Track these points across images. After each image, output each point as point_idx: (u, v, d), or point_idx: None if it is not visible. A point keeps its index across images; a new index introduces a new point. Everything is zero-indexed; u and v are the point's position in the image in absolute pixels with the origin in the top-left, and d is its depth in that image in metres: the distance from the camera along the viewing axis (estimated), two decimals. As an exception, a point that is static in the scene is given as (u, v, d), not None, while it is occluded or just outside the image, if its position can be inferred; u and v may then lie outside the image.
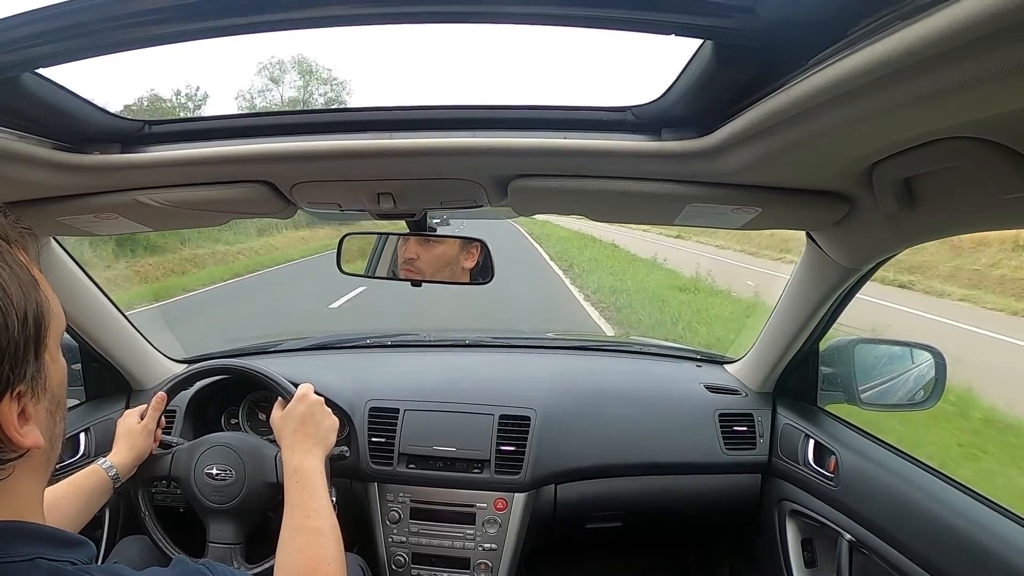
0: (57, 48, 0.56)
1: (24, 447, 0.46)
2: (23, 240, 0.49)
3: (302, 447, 0.95)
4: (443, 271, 1.15)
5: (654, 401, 1.49)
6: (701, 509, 1.47)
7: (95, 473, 1.00)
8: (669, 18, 0.52)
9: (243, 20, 0.53)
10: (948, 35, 0.39)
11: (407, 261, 1.15)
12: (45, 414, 0.50)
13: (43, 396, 0.49)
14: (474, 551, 1.33)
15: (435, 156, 0.77)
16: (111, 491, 1.02)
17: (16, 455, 0.47)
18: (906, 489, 1.04)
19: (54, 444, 0.52)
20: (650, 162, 0.75)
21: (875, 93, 0.48)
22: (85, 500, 0.97)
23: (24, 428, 0.46)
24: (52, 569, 0.46)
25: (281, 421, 1.00)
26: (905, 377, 1.32)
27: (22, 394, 0.47)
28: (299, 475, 0.91)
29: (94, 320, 1.31)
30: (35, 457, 0.49)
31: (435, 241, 1.13)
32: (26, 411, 0.47)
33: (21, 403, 0.47)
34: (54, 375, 0.51)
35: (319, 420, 1.00)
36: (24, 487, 0.49)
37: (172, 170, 0.82)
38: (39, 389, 0.48)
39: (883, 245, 0.95)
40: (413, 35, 56.75)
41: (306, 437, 0.97)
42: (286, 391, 1.11)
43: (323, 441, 0.99)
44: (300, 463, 0.93)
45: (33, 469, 0.50)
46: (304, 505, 0.86)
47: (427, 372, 1.60)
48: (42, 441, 0.48)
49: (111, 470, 1.02)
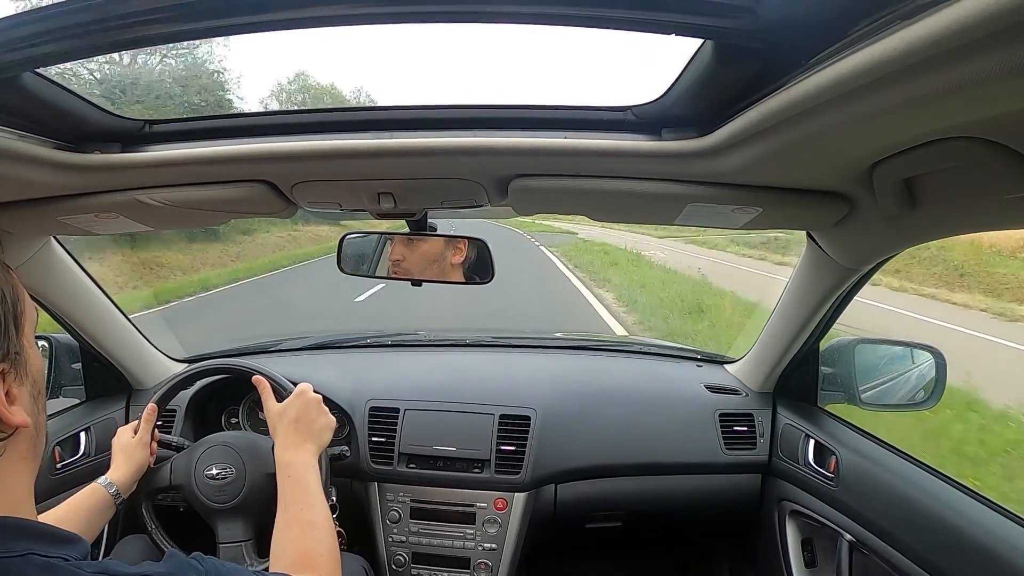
0: (57, 48, 0.55)
1: (13, 424, 0.48)
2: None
3: (294, 442, 0.95)
4: (431, 269, 1.14)
5: (654, 401, 1.49)
6: (701, 509, 1.47)
7: (95, 491, 1.00)
8: (669, 18, 0.52)
9: (243, 20, 0.53)
10: (948, 35, 0.39)
11: (394, 263, 1.15)
12: (28, 398, 0.51)
13: (25, 379, 0.51)
14: (474, 551, 1.33)
15: (435, 156, 0.77)
16: (113, 508, 1.02)
17: (4, 435, 0.48)
18: (906, 489, 1.04)
19: (39, 431, 0.53)
20: (650, 162, 0.75)
21: (875, 93, 0.48)
22: (87, 519, 0.97)
23: (12, 408, 0.48)
24: (45, 565, 0.46)
25: (276, 417, 1.00)
26: (905, 377, 1.32)
27: (6, 373, 0.48)
28: (291, 469, 0.91)
29: (94, 320, 1.31)
30: (22, 442, 0.50)
31: (419, 240, 1.12)
32: (11, 392, 0.49)
33: (6, 383, 0.48)
34: (33, 360, 0.53)
35: (314, 417, 1.00)
36: (13, 475, 0.50)
37: (172, 170, 0.82)
38: (21, 371, 0.50)
39: (883, 245, 0.95)
40: (413, 35, 56.75)
41: (298, 433, 0.97)
42: (283, 388, 1.11)
43: (317, 438, 0.99)
44: (292, 458, 0.93)
45: (21, 456, 0.51)
46: (296, 499, 0.87)
47: (427, 372, 1.60)
48: (29, 421, 0.49)
49: (111, 487, 1.01)
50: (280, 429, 0.98)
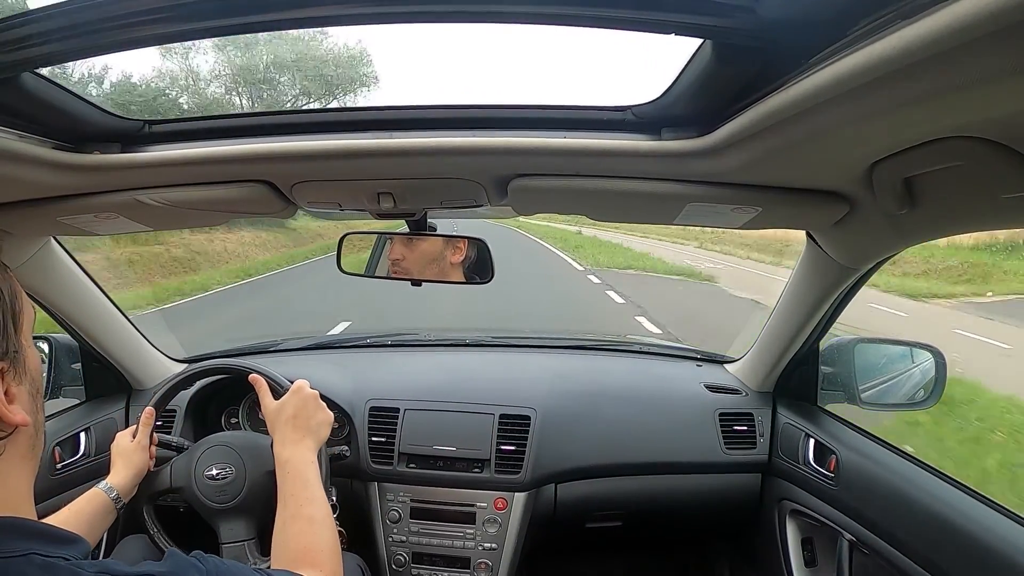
0: (57, 48, 0.56)
1: (13, 423, 0.48)
2: None
3: (292, 438, 0.95)
4: (430, 268, 1.14)
5: (654, 400, 1.49)
6: (701, 509, 1.47)
7: (96, 496, 1.00)
8: (669, 17, 0.52)
9: (242, 20, 0.53)
10: (948, 35, 0.39)
11: (394, 263, 1.15)
12: (27, 396, 0.51)
13: (24, 378, 0.51)
14: (474, 550, 1.33)
15: (435, 156, 0.77)
16: (114, 512, 1.01)
17: (4, 434, 0.48)
18: (906, 488, 1.04)
19: (38, 430, 0.53)
20: (650, 162, 0.75)
21: (875, 93, 0.48)
22: (88, 524, 0.97)
23: (11, 406, 0.48)
24: (45, 565, 0.46)
25: (274, 414, 1.00)
26: (905, 377, 1.32)
27: (4, 371, 0.48)
28: (290, 465, 0.91)
29: (94, 320, 1.31)
30: (22, 441, 0.50)
31: (419, 240, 1.12)
32: (10, 391, 0.49)
33: (5, 382, 0.48)
34: (31, 360, 0.53)
35: (312, 413, 1.00)
36: (13, 474, 0.50)
37: (172, 170, 0.82)
38: (20, 370, 0.50)
39: (883, 245, 0.95)
40: (414, 34, 56.60)
41: (296, 429, 0.97)
42: (280, 385, 1.11)
43: (315, 433, 0.99)
44: (291, 454, 0.93)
45: (21, 455, 0.51)
46: (296, 495, 0.87)
47: (427, 371, 1.60)
48: (28, 419, 0.49)
49: (111, 491, 1.01)
50: (278, 426, 0.98)
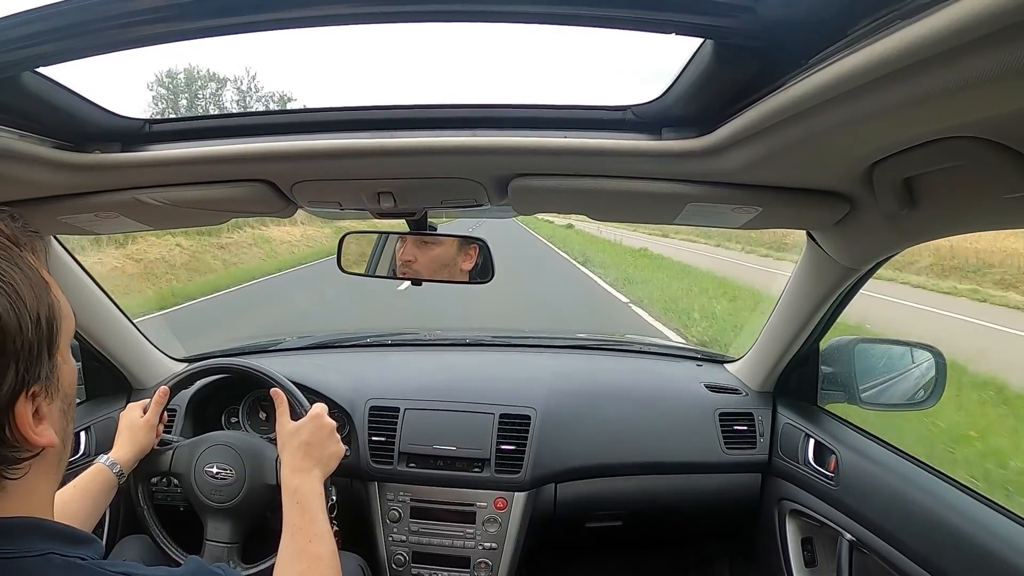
0: (57, 47, 0.56)
1: (39, 446, 0.47)
2: (32, 243, 0.50)
3: (302, 466, 0.95)
4: (441, 272, 1.14)
5: (654, 400, 1.49)
6: (701, 508, 1.47)
7: (100, 472, 1.00)
8: (669, 17, 0.52)
9: (242, 19, 0.53)
10: (948, 35, 0.39)
11: (404, 263, 1.15)
12: (58, 413, 0.50)
13: (56, 396, 0.50)
14: (474, 550, 1.33)
15: (435, 155, 0.77)
16: (116, 487, 1.02)
17: (31, 454, 0.47)
18: (906, 489, 1.04)
19: (66, 443, 0.53)
20: (650, 161, 0.75)
21: (875, 93, 0.48)
22: (92, 500, 0.97)
23: (39, 427, 0.47)
24: (65, 564, 0.47)
25: (288, 435, 0.99)
26: (905, 376, 1.32)
27: (36, 394, 0.47)
28: (299, 495, 0.90)
29: (94, 319, 1.31)
30: (49, 456, 0.50)
31: (432, 243, 1.12)
32: (40, 411, 0.48)
33: (36, 403, 0.47)
34: (66, 375, 0.52)
35: (325, 443, 0.99)
36: (38, 487, 0.50)
37: (172, 169, 0.82)
38: (52, 389, 0.49)
39: (883, 245, 0.95)
40: (414, 34, 56.70)
41: (308, 457, 0.96)
42: (300, 406, 1.10)
43: (324, 465, 0.98)
44: (300, 484, 0.92)
45: (46, 470, 0.51)
46: (304, 529, 0.86)
47: (427, 371, 1.60)
48: (56, 440, 0.49)
49: (115, 467, 1.02)
50: (289, 448, 0.97)
